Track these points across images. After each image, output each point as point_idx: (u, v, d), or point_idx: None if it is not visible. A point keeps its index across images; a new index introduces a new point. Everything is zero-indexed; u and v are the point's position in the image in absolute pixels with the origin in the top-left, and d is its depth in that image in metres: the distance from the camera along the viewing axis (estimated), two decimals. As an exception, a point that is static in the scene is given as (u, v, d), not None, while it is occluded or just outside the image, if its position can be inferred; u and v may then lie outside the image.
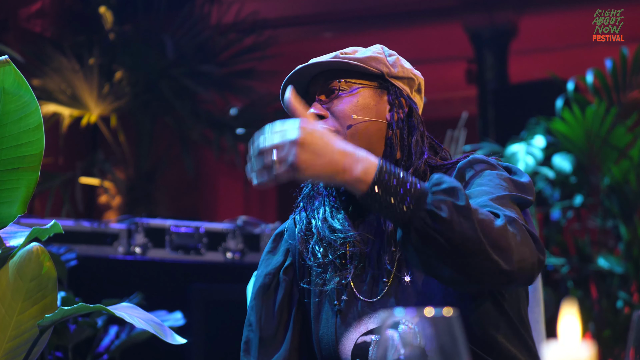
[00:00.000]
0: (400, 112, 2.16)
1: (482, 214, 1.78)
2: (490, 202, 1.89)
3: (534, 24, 9.33)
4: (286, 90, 2.04)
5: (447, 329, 1.11)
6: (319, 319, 2.17)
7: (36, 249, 2.24)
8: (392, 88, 2.18)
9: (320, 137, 1.81)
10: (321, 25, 10.03)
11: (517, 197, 1.97)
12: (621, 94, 5.72)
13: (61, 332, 3.62)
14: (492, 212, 1.82)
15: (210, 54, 7.94)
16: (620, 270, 5.34)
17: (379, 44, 2.26)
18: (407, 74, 2.21)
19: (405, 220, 1.76)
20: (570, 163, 5.57)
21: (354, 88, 2.15)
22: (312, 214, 2.20)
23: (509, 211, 1.86)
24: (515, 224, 1.81)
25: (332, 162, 1.79)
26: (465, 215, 1.73)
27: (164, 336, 2.18)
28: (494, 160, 2.11)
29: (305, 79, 2.20)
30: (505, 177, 2.02)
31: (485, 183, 2.00)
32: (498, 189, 1.97)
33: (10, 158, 2.19)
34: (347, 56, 2.16)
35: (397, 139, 2.13)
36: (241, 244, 5.17)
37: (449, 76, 10.64)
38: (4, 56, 2.11)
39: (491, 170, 2.05)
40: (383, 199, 1.78)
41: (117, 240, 4.89)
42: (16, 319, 2.23)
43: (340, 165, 1.79)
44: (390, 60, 2.20)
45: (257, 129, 6.54)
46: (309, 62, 2.17)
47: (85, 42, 7.73)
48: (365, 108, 2.13)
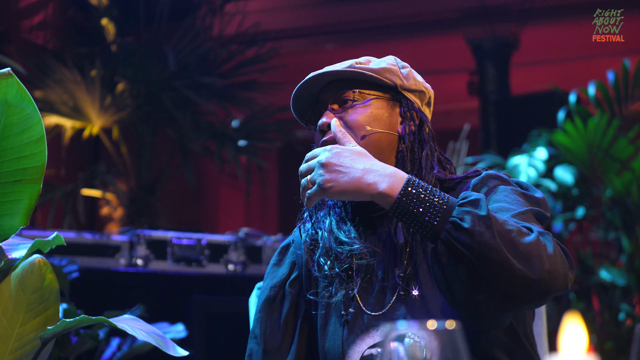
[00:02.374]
0: (412, 125, 2.16)
1: (510, 225, 1.77)
2: (513, 219, 1.87)
3: (536, 36, 9.34)
4: (297, 97, 2.07)
5: (450, 342, 1.11)
6: (325, 330, 2.16)
7: (38, 261, 2.24)
8: (405, 100, 2.18)
9: (346, 157, 1.88)
10: (323, 37, 10.05)
11: (536, 212, 1.97)
12: (623, 106, 5.72)
13: (63, 344, 3.61)
14: (525, 226, 1.81)
15: (211, 66, 7.95)
16: (623, 283, 5.34)
17: (392, 55, 2.26)
18: (419, 87, 2.21)
19: (433, 233, 1.80)
20: (572, 175, 5.57)
21: (368, 99, 2.15)
22: (317, 224, 2.20)
23: (535, 226, 1.85)
24: (549, 236, 1.80)
25: (355, 180, 1.86)
26: (487, 225, 1.74)
27: (165, 348, 2.18)
28: (505, 176, 2.11)
29: (317, 86, 2.20)
30: (519, 192, 2.02)
31: (501, 199, 2.00)
32: (516, 205, 1.96)
33: (12, 170, 2.19)
34: (363, 66, 2.16)
35: (408, 152, 2.13)
36: (243, 256, 5.17)
37: (450, 88, 10.64)
38: (7, 68, 2.11)
39: (505, 186, 2.05)
40: (410, 213, 1.82)
41: (119, 252, 4.89)
42: (18, 331, 2.22)
43: (364, 183, 1.85)
44: (403, 72, 2.20)
45: (258, 140, 6.53)
46: (324, 70, 2.16)
47: (87, 53, 7.73)
48: (378, 119, 2.13)
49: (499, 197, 2.01)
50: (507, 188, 2.03)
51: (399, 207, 1.83)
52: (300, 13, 9.66)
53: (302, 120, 2.27)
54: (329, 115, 2.15)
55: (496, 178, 2.08)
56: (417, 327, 1.11)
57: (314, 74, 2.16)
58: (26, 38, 7.87)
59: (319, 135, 2.17)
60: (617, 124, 5.49)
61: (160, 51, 7.72)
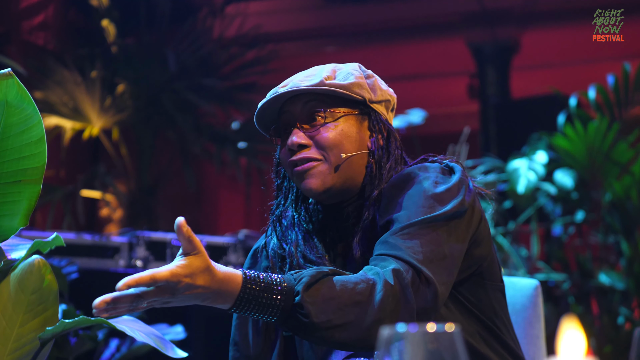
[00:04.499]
0: (380, 139, 2.15)
1: (337, 295, 1.84)
2: (392, 240, 1.95)
3: (536, 40, 9.34)
4: (261, 110, 2.10)
5: (449, 345, 1.11)
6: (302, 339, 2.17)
7: (37, 262, 2.24)
8: (373, 113, 2.16)
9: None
10: (323, 40, 10.04)
11: (434, 219, 1.97)
12: (623, 110, 5.72)
13: (62, 345, 3.61)
14: (371, 280, 1.87)
15: (212, 68, 7.95)
16: (622, 286, 5.34)
17: (356, 62, 2.23)
18: (385, 97, 2.20)
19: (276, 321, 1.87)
20: (571, 179, 5.57)
21: (338, 117, 2.12)
22: (283, 238, 2.21)
23: (405, 252, 1.91)
24: (387, 288, 1.85)
25: (194, 301, 1.81)
26: (307, 313, 1.83)
27: (164, 349, 2.18)
28: (426, 171, 2.09)
29: (283, 98, 2.16)
30: (430, 194, 2.01)
31: (406, 206, 2.01)
32: (415, 213, 1.98)
33: (12, 171, 2.19)
34: (332, 82, 2.12)
35: (376, 167, 2.13)
36: (242, 258, 5.17)
37: (450, 91, 10.65)
38: (7, 69, 2.11)
39: (418, 187, 2.04)
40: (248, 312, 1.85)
41: (118, 254, 4.89)
42: (17, 332, 2.22)
43: (200, 301, 1.82)
44: (369, 83, 2.17)
45: (258, 142, 6.52)
46: (293, 88, 2.12)
47: (88, 55, 7.73)
48: (348, 137, 2.11)
49: (406, 203, 2.01)
50: (420, 190, 2.02)
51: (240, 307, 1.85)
52: (301, 15, 9.66)
53: (266, 133, 2.24)
54: (300, 134, 2.12)
55: (412, 178, 2.07)
56: (416, 330, 1.11)
57: (283, 91, 2.12)
58: (26, 39, 7.87)
59: (287, 152, 2.15)
60: (617, 128, 5.48)
61: (160, 53, 7.72)
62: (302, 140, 2.11)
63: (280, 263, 2.20)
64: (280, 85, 2.16)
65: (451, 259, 1.95)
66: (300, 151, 2.11)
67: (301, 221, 2.20)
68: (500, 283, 2.16)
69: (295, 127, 2.13)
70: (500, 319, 2.13)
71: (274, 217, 2.23)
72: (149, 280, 1.72)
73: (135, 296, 1.74)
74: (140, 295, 1.74)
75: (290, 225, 2.20)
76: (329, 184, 2.10)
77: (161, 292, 1.75)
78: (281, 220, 2.23)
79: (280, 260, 2.21)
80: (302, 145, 2.11)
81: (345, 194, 2.15)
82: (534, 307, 2.65)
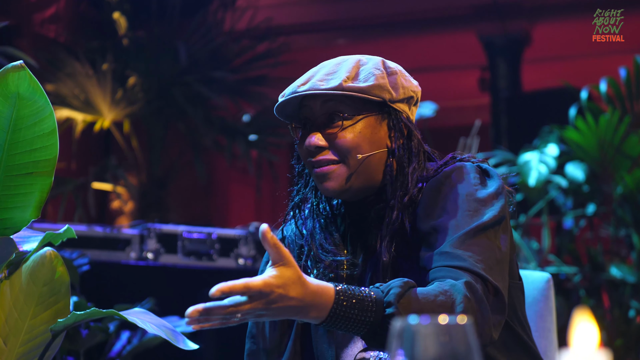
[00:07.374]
0: (400, 138, 2.13)
1: (429, 303, 1.82)
2: (452, 250, 1.93)
3: (548, 33, 9.33)
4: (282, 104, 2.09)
5: (462, 337, 1.11)
6: (318, 332, 2.18)
7: (49, 254, 2.25)
8: (393, 112, 2.13)
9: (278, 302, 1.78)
10: (334, 32, 10.04)
11: (484, 225, 1.98)
12: (635, 103, 5.71)
13: (73, 336, 3.62)
14: (449, 292, 1.85)
15: (223, 61, 7.94)
16: (633, 280, 5.33)
17: (379, 57, 2.19)
18: (407, 93, 2.17)
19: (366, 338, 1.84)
20: (583, 172, 5.56)
21: (357, 119, 2.11)
22: (302, 226, 2.22)
23: (469, 262, 1.90)
24: (466, 302, 1.84)
25: (287, 314, 1.78)
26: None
27: (176, 342, 2.19)
28: (467, 171, 2.09)
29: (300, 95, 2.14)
30: (474, 198, 2.02)
31: (450, 210, 2.01)
32: (464, 220, 1.98)
33: (24, 163, 2.20)
34: (350, 86, 2.08)
35: (396, 167, 2.12)
36: (253, 250, 5.17)
37: (462, 84, 10.64)
38: (19, 61, 2.12)
39: (460, 188, 2.04)
40: (339, 327, 1.82)
41: (129, 246, 4.89)
42: (29, 324, 2.23)
43: (294, 314, 1.79)
44: (391, 81, 2.14)
45: (269, 135, 6.53)
46: (309, 88, 2.10)
47: (99, 47, 7.74)
48: (366, 138, 2.10)
49: (449, 208, 2.01)
50: (462, 194, 2.03)
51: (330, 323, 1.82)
52: (312, 8, 9.65)
53: (288, 121, 2.21)
54: (318, 136, 2.11)
55: (451, 180, 2.07)
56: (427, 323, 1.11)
57: (302, 92, 2.10)
58: (38, 31, 7.88)
59: (306, 151, 2.14)
60: (629, 121, 5.47)
61: (171, 45, 7.71)
62: (320, 142, 2.10)
63: (298, 250, 2.21)
64: (300, 80, 2.13)
65: (504, 264, 1.98)
66: (319, 153, 2.11)
67: (319, 208, 2.20)
68: (519, 281, 2.16)
69: (314, 126, 2.13)
70: (518, 317, 2.13)
71: (292, 203, 2.23)
72: (242, 289, 1.70)
73: (230, 309, 1.72)
74: (235, 309, 1.72)
75: (310, 213, 2.20)
76: (347, 185, 2.10)
77: (254, 304, 1.72)
78: (301, 206, 2.23)
79: (298, 248, 2.21)
80: (320, 147, 2.11)
81: (364, 192, 2.15)
82: (546, 300, 2.64)
